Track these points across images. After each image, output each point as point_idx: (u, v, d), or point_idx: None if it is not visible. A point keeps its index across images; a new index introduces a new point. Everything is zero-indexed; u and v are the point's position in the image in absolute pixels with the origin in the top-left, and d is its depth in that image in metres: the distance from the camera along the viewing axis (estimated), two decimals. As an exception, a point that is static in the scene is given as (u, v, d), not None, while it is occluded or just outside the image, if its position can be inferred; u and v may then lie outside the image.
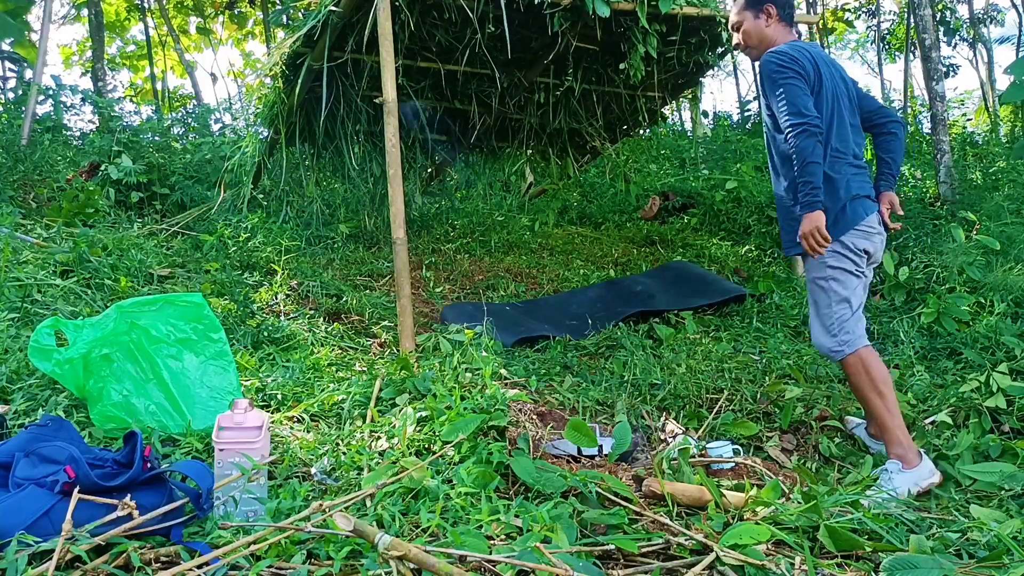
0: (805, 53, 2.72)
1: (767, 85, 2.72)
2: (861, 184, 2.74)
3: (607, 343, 4.13)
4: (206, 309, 2.65)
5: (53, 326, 2.46)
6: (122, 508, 1.72)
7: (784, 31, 2.89)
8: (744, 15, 2.90)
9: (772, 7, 2.86)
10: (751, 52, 2.95)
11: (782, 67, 2.67)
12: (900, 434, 2.59)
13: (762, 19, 2.87)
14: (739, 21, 2.92)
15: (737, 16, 2.92)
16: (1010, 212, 5.15)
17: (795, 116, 2.60)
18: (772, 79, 2.68)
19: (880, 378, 2.63)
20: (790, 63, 2.66)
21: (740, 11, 2.91)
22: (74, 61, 18.65)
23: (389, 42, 3.77)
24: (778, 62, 2.68)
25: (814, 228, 2.57)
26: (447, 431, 2.32)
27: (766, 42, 2.87)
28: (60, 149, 8.10)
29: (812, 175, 2.57)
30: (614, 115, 6.37)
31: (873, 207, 2.75)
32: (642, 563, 1.77)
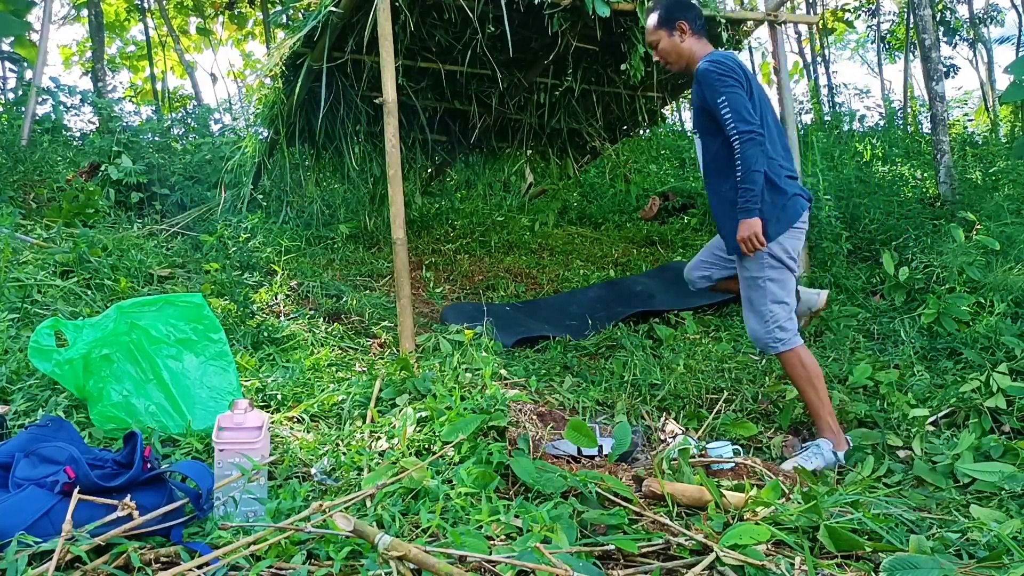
0: (738, 61, 2.89)
1: (708, 92, 2.83)
2: (792, 183, 2.89)
3: (607, 343, 4.13)
4: (206, 309, 2.65)
5: (53, 326, 2.46)
6: (122, 508, 1.72)
7: (699, 43, 3.05)
8: (659, 34, 3.05)
9: (684, 23, 3.02)
10: (672, 67, 3.12)
11: (723, 75, 2.80)
12: (831, 421, 2.81)
13: (676, 35, 3.03)
14: (655, 40, 3.06)
15: (652, 35, 3.07)
16: (1010, 212, 5.15)
17: (741, 123, 2.73)
18: (714, 87, 2.80)
19: (814, 373, 2.84)
20: (729, 72, 2.80)
21: (654, 30, 3.06)
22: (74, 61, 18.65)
23: (389, 42, 3.77)
24: (719, 70, 2.81)
25: (752, 233, 2.73)
26: (447, 431, 2.32)
27: (684, 56, 3.04)
28: (60, 149, 8.10)
29: (755, 183, 2.72)
30: (614, 115, 6.36)
31: (806, 204, 2.92)
32: (642, 563, 1.77)
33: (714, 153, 2.92)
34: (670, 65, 3.10)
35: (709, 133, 2.93)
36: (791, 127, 5.17)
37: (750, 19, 5.22)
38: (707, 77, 2.82)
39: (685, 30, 3.02)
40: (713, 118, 2.85)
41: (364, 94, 5.28)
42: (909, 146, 9.58)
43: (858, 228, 5.20)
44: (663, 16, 3.03)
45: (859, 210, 5.31)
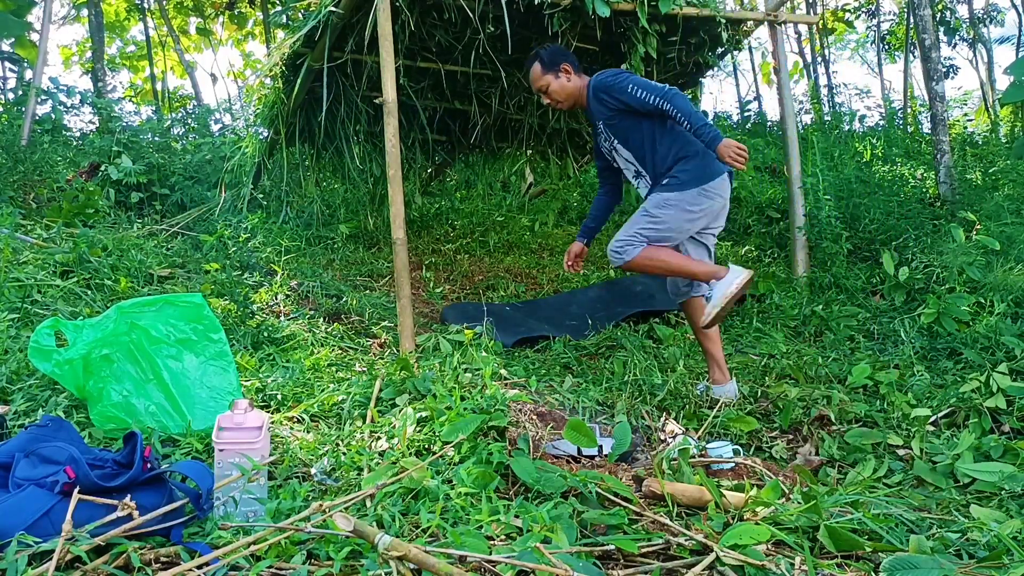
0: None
1: (617, 93, 3.11)
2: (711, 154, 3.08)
3: (607, 343, 4.13)
4: (206, 309, 2.65)
5: (53, 326, 2.46)
6: (122, 508, 1.72)
7: (581, 80, 3.31)
8: (547, 79, 3.30)
9: (567, 65, 3.30)
10: (562, 106, 3.38)
11: (616, 74, 3.17)
12: (703, 268, 3.09)
13: (563, 77, 3.30)
14: (544, 85, 3.31)
15: (540, 81, 3.31)
16: (1010, 212, 5.15)
17: (656, 88, 3.03)
18: (619, 85, 3.11)
19: (668, 252, 3.11)
20: (617, 71, 3.21)
21: (541, 76, 3.30)
22: (74, 61, 18.65)
23: (389, 42, 3.77)
24: (612, 74, 3.17)
25: (733, 145, 2.89)
26: (447, 431, 2.32)
27: (573, 95, 3.31)
28: (60, 149, 8.10)
29: (700, 118, 2.95)
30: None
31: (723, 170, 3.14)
32: (642, 563, 1.77)
33: (635, 137, 3.20)
34: (560, 104, 3.36)
35: (622, 129, 3.21)
36: (791, 127, 5.17)
37: (750, 19, 5.22)
38: (607, 83, 3.15)
39: (569, 71, 3.29)
40: (630, 113, 3.13)
41: (364, 94, 5.28)
42: (909, 146, 9.57)
43: (858, 228, 5.20)
44: (547, 62, 3.29)
45: (859, 210, 5.31)
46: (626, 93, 3.09)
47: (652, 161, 3.20)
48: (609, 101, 3.16)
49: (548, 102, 3.38)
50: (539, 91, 3.37)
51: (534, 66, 3.34)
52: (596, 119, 3.29)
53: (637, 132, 3.18)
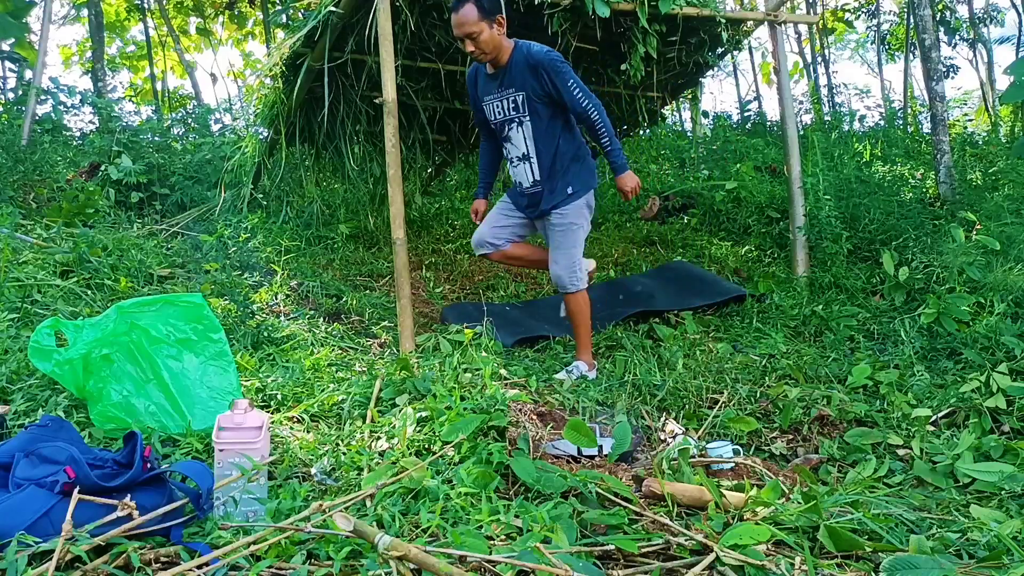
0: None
1: (557, 77, 3.20)
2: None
3: (607, 343, 4.13)
4: (206, 309, 2.65)
5: (53, 326, 2.46)
6: (122, 508, 1.72)
7: (506, 40, 3.33)
8: (481, 25, 3.21)
9: (502, 17, 3.26)
10: (484, 57, 3.31)
11: (565, 62, 3.24)
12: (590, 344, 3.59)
13: (495, 29, 3.25)
14: (477, 31, 3.21)
15: (474, 26, 3.20)
16: (1010, 212, 5.14)
17: (592, 97, 3.22)
18: (562, 72, 3.20)
19: (588, 311, 3.58)
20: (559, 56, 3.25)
21: (477, 22, 3.20)
22: (74, 61, 18.65)
23: (389, 42, 3.77)
24: (560, 58, 3.23)
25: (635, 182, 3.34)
26: (447, 431, 2.32)
27: (499, 48, 3.29)
28: (60, 149, 8.10)
29: (617, 141, 3.28)
30: (614, 115, 6.36)
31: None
32: (642, 563, 1.77)
33: (546, 126, 3.33)
34: (483, 56, 3.29)
35: (539, 113, 3.30)
36: (791, 127, 5.17)
37: (750, 19, 5.22)
38: (555, 65, 3.21)
39: (503, 24, 3.25)
40: (552, 99, 3.24)
41: (364, 94, 5.28)
42: (909, 146, 9.57)
43: (858, 228, 5.20)
44: (486, 8, 3.19)
45: (859, 210, 5.31)
46: (566, 86, 3.19)
47: (552, 155, 3.36)
48: (545, 80, 3.22)
49: (472, 50, 3.26)
50: (466, 36, 3.22)
51: (468, 7, 3.18)
52: (518, 88, 3.29)
53: (551, 123, 3.33)
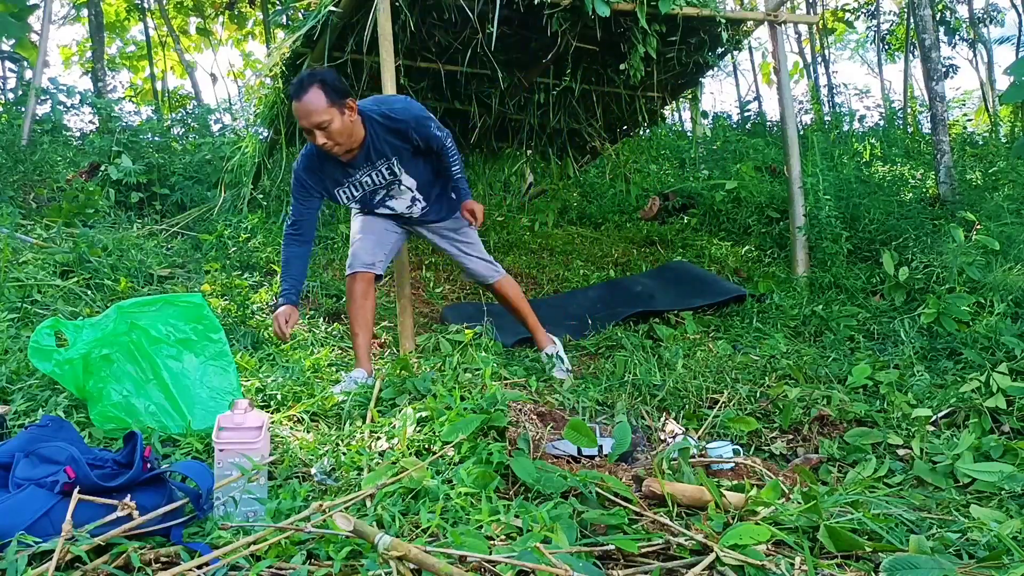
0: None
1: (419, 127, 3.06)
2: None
3: (607, 343, 4.13)
4: (206, 309, 2.65)
5: (53, 326, 2.46)
6: (122, 508, 1.72)
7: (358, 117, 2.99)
8: (331, 112, 2.83)
9: (352, 101, 2.90)
10: (338, 148, 2.94)
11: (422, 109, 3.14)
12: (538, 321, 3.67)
13: (347, 115, 2.89)
14: (327, 120, 2.83)
15: (324, 115, 2.81)
16: (1010, 212, 5.14)
17: (445, 130, 3.17)
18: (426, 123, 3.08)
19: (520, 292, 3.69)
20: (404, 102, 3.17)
21: (326, 109, 2.81)
22: (74, 61, 18.65)
23: (389, 42, 3.77)
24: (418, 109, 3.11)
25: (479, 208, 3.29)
26: (447, 431, 2.32)
27: (352, 135, 2.94)
28: (60, 149, 8.10)
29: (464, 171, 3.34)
30: (614, 115, 6.36)
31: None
32: (642, 563, 1.77)
33: (421, 167, 3.25)
34: (338, 147, 2.93)
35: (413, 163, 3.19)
36: (791, 127, 5.17)
37: (750, 19, 5.22)
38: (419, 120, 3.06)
39: (354, 107, 2.92)
40: (419, 148, 3.13)
41: (364, 94, 5.28)
42: (909, 146, 9.58)
43: (858, 228, 5.20)
44: (333, 89, 2.83)
45: (859, 210, 5.31)
46: (432, 134, 3.08)
47: (433, 186, 3.35)
48: (413, 136, 3.07)
49: (323, 143, 2.87)
50: (314, 127, 2.83)
51: (314, 92, 2.80)
52: (388, 156, 3.09)
53: (424, 163, 3.26)
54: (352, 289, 3.31)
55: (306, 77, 2.84)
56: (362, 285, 3.29)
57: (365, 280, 3.30)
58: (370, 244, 3.32)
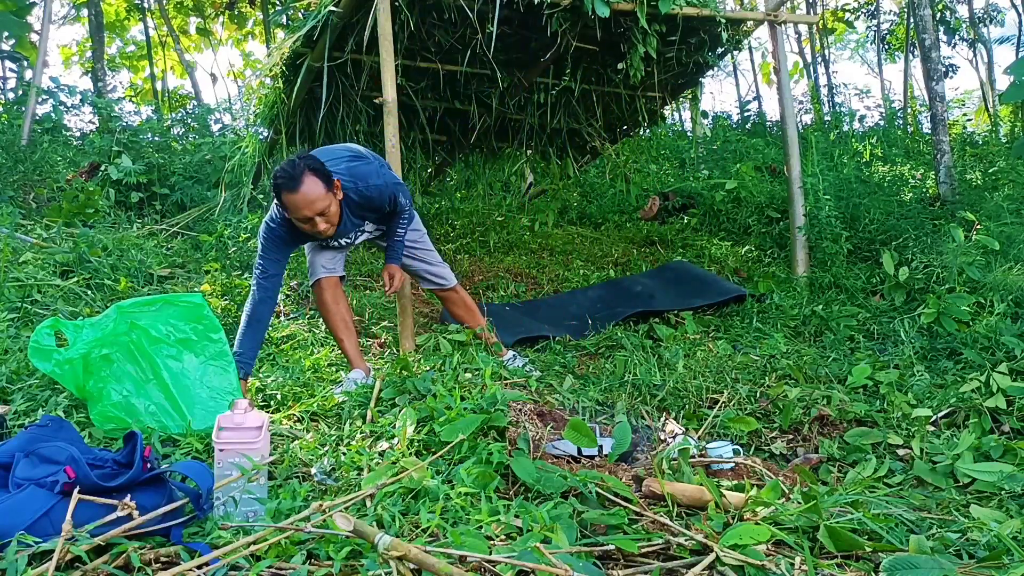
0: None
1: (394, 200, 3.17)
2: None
3: (607, 343, 4.13)
4: (206, 309, 2.65)
5: (53, 326, 2.46)
6: (122, 508, 1.72)
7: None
8: (328, 198, 2.88)
9: (337, 180, 2.95)
10: (332, 230, 2.99)
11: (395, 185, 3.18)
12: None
13: (337, 195, 2.96)
14: (326, 205, 2.87)
15: (324, 201, 2.85)
16: (1010, 212, 5.14)
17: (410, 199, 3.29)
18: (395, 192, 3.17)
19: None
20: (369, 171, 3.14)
21: (324, 195, 2.85)
22: (74, 61, 18.65)
23: (389, 42, 3.77)
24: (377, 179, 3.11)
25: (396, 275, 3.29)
26: (447, 431, 2.32)
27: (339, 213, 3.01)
28: (60, 149, 8.10)
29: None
30: (614, 115, 6.37)
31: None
32: (642, 563, 1.77)
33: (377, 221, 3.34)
34: (333, 228, 2.98)
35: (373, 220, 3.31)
36: (791, 127, 5.17)
37: (750, 19, 5.22)
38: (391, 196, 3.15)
39: (339, 187, 2.96)
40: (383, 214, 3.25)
41: (364, 94, 5.28)
42: (909, 146, 9.58)
43: (858, 228, 5.20)
44: (324, 179, 2.86)
45: (859, 210, 5.31)
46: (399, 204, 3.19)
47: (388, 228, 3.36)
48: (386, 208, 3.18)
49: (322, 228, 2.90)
50: (316, 214, 2.84)
51: (311, 180, 2.79)
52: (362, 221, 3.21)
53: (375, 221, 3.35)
54: (322, 297, 3.29)
55: (295, 166, 2.80)
56: (330, 290, 3.28)
57: (331, 284, 3.28)
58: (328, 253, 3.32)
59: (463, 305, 3.69)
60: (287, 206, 2.84)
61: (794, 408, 3.05)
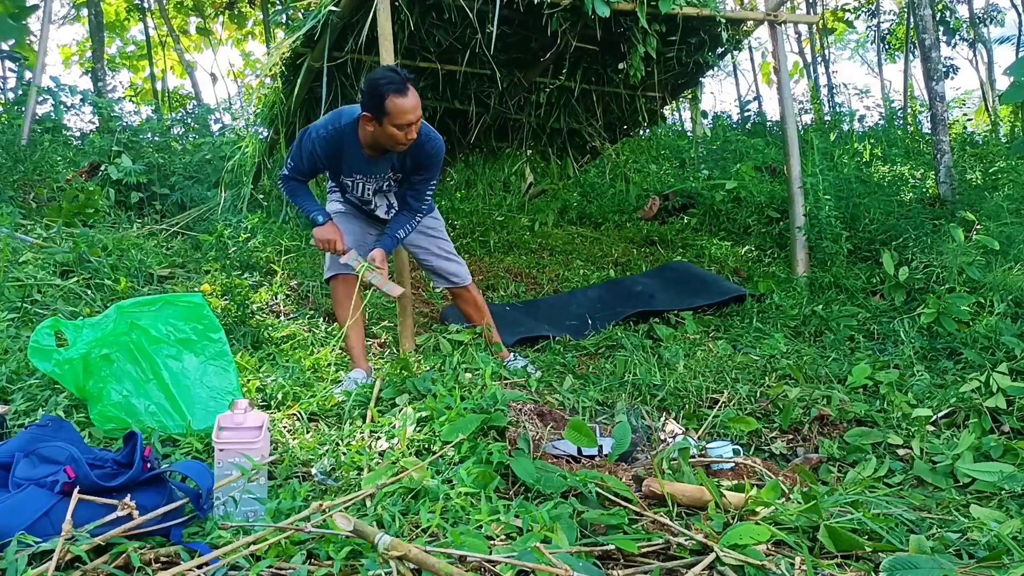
0: None
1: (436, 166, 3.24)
2: None
3: (607, 343, 4.13)
4: (206, 309, 2.65)
5: (53, 326, 2.46)
6: (122, 508, 1.72)
7: None
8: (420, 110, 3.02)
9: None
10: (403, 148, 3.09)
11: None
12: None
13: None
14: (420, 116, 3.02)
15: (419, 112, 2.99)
16: (1010, 212, 5.14)
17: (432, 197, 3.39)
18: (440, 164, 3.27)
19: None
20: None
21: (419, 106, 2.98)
22: (74, 61, 18.65)
23: (389, 42, 3.78)
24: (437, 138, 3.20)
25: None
26: (447, 431, 2.32)
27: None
28: (60, 149, 8.10)
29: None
30: (614, 115, 6.36)
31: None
32: (642, 563, 1.77)
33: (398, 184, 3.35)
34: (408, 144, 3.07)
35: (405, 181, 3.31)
36: (791, 127, 5.17)
37: (750, 19, 5.22)
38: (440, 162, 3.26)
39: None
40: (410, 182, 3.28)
41: (364, 94, 5.28)
42: (909, 146, 9.57)
43: (858, 228, 5.20)
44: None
45: (859, 210, 5.31)
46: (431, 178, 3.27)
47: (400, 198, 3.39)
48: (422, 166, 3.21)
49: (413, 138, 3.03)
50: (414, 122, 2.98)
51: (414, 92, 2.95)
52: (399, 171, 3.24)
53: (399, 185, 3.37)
54: (337, 292, 3.36)
55: (399, 72, 2.96)
56: (344, 287, 3.33)
57: (347, 282, 3.33)
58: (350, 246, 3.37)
59: (474, 304, 3.67)
60: (392, 110, 2.90)
61: (794, 408, 3.05)
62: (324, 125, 3.13)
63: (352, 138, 3.10)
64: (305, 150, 3.13)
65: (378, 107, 2.91)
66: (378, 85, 2.90)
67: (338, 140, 3.12)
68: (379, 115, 2.93)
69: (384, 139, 3.01)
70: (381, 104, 2.89)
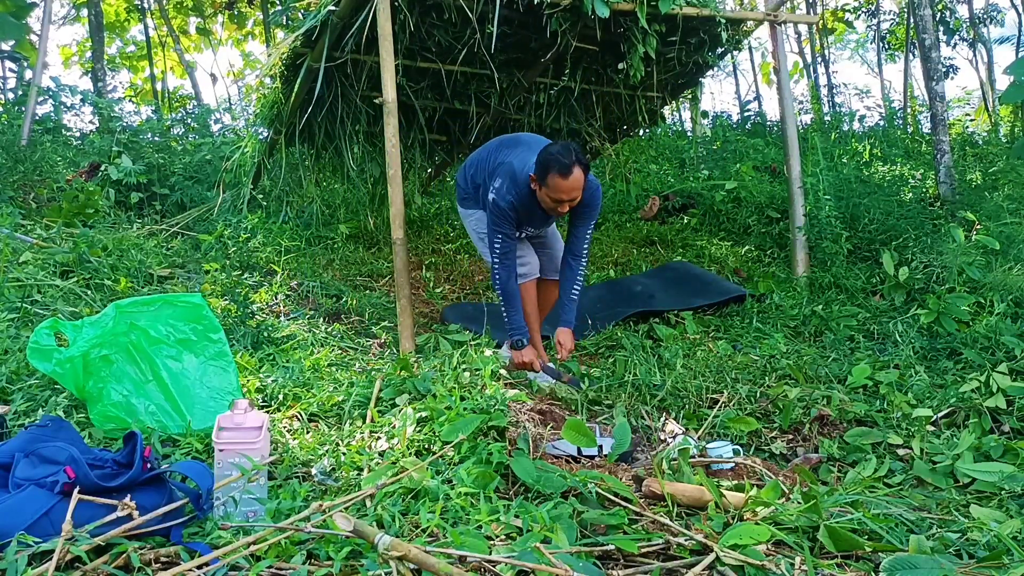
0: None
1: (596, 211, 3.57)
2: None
3: (607, 343, 4.13)
4: (205, 309, 2.65)
5: (53, 326, 2.46)
6: (122, 508, 1.72)
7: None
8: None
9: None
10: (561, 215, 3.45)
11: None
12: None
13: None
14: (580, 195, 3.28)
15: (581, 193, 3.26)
16: (1010, 212, 5.14)
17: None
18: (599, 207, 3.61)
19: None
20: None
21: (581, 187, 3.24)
22: (74, 61, 18.64)
23: (389, 42, 3.77)
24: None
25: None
26: (447, 431, 2.32)
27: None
28: (60, 149, 8.09)
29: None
30: (614, 115, 6.35)
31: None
32: (642, 563, 1.77)
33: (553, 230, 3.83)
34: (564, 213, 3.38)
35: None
36: (791, 127, 5.17)
37: (750, 19, 5.22)
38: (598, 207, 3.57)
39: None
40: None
41: (364, 94, 5.28)
42: (909, 146, 9.57)
43: (858, 228, 5.20)
44: (586, 173, 3.25)
45: (859, 210, 5.31)
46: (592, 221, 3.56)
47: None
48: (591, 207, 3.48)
49: (563, 211, 3.33)
50: (571, 201, 3.26)
51: (579, 173, 3.18)
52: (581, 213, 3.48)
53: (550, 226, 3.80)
54: (528, 292, 3.69)
55: (570, 153, 3.17)
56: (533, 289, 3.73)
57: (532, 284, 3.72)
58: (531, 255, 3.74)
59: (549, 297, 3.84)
60: (552, 185, 3.17)
61: (794, 408, 3.05)
62: (507, 191, 3.37)
63: (533, 198, 3.36)
64: (505, 218, 3.39)
65: (542, 177, 3.20)
66: (549, 161, 3.17)
67: (526, 202, 3.39)
68: (541, 183, 3.22)
69: (542, 200, 3.30)
70: (545, 176, 3.18)
